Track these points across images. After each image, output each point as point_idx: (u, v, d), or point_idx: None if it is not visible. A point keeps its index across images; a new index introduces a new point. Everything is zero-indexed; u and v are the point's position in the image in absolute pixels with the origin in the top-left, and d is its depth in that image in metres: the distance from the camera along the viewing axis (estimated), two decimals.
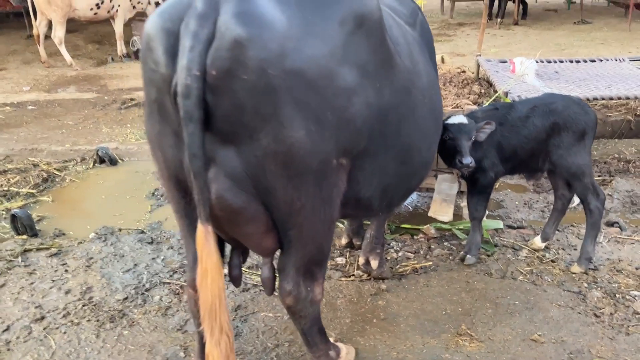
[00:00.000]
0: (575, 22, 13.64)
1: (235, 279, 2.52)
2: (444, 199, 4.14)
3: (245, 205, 2.06)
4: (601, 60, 6.87)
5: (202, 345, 2.46)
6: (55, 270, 3.73)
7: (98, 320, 3.19)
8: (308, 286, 2.37)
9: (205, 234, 1.99)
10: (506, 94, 5.51)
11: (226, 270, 2.44)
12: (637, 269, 3.61)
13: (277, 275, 2.42)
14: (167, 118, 2.01)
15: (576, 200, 4.15)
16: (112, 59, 10.92)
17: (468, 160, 3.32)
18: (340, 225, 4.18)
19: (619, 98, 5.59)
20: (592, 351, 2.86)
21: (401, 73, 2.33)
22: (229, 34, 1.78)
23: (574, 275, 3.56)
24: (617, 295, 3.33)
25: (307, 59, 1.88)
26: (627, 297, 3.32)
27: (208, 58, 1.80)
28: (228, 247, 2.46)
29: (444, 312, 3.21)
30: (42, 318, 3.23)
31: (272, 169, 1.98)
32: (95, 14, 10.39)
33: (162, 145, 2.11)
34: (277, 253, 2.36)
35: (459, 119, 3.45)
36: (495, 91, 5.86)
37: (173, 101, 1.89)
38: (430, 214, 4.17)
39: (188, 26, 1.81)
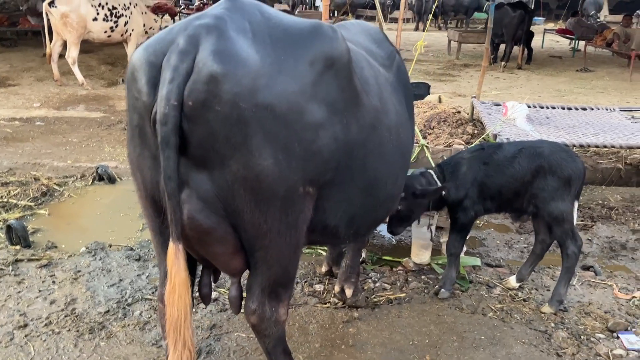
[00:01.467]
0: (577, 70, 13.91)
1: (204, 297, 2.63)
2: (421, 243, 4.29)
3: (215, 226, 2.21)
4: (592, 109, 7.06)
5: None
6: (43, 281, 3.88)
7: (78, 331, 3.32)
8: (273, 306, 2.49)
9: (175, 251, 2.12)
10: (495, 136, 5.68)
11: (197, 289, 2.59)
12: (605, 312, 3.71)
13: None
14: (146, 142, 2.18)
15: None
16: (123, 81, 11.23)
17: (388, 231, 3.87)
18: (322, 253, 4.31)
19: (605, 146, 5.75)
20: None
21: (368, 111, 2.49)
22: (206, 69, 1.96)
23: (543, 315, 3.66)
24: (582, 337, 3.42)
25: (277, 95, 2.06)
26: (592, 339, 3.41)
27: (186, 90, 1.97)
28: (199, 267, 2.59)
29: (410, 343, 3.32)
30: (25, 325, 3.36)
31: (241, 193, 2.13)
32: (109, 36, 10.75)
33: (141, 167, 2.26)
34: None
35: None
36: (487, 135, 6.03)
37: (152, 127, 2.06)
38: (411, 256, 4.33)
39: (169, 60, 1.99)
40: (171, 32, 2.11)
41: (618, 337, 3.43)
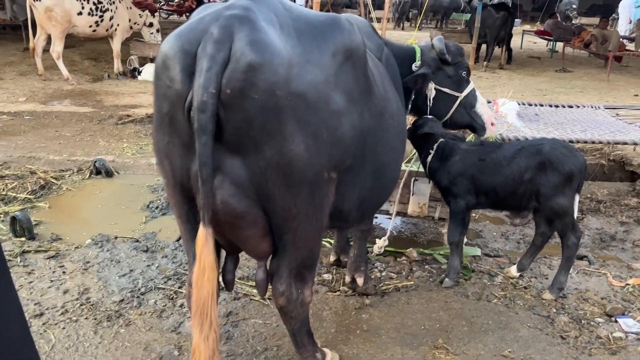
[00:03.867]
0: (556, 70, 14.26)
1: (228, 283, 2.69)
2: (415, 194, 4.55)
3: (247, 210, 2.28)
4: (578, 107, 7.29)
5: None
6: (53, 272, 3.89)
7: (95, 319, 3.35)
8: (299, 288, 2.58)
9: (206, 235, 2.17)
10: None
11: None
12: (602, 298, 3.87)
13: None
14: (176, 130, 2.21)
15: None
16: (108, 76, 11.15)
17: None
18: (327, 244, 4.40)
19: (593, 142, 5.94)
20: None
21: (377, 99, 2.65)
22: (244, 59, 2.03)
23: (544, 301, 3.80)
24: (583, 321, 3.58)
25: (308, 84, 2.17)
26: (592, 323, 3.57)
27: (224, 78, 2.03)
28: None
29: (422, 327, 3.43)
30: (41, 314, 3.38)
31: (273, 178, 2.21)
32: (94, 31, 10.64)
33: (169, 155, 2.30)
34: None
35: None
36: None
37: (186, 115, 2.11)
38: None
39: (206, 49, 2.04)
40: (202, 22, 2.15)
41: (616, 321, 3.59)
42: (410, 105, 3.81)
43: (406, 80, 3.59)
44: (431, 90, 3.75)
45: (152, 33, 11.93)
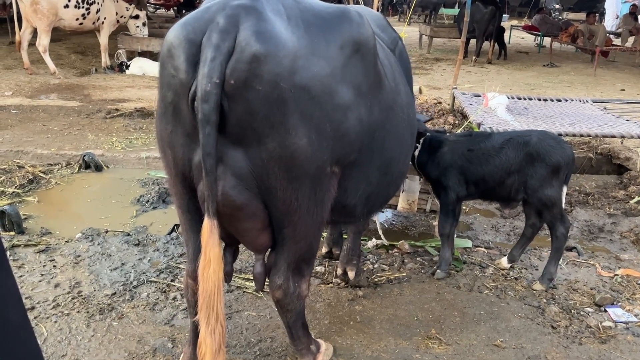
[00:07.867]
0: (544, 65, 14.37)
1: (226, 274, 2.67)
2: (405, 190, 4.60)
3: (247, 202, 2.26)
4: (567, 100, 7.36)
5: (196, 335, 2.63)
6: (44, 266, 3.85)
7: (88, 312, 3.33)
8: (296, 282, 2.58)
9: (211, 227, 2.16)
10: (479, 125, 5.88)
11: None
12: (591, 289, 3.92)
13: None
14: (180, 119, 2.20)
15: None
16: (96, 70, 11.04)
17: None
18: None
19: (581, 135, 6.01)
20: (547, 357, 3.13)
21: (387, 93, 2.61)
22: (249, 49, 2.01)
23: (534, 291, 3.84)
24: (573, 311, 3.62)
25: (313, 76, 2.14)
26: (582, 312, 3.62)
27: (228, 68, 2.02)
28: None
29: (415, 318, 3.45)
30: (32, 308, 3.35)
31: (275, 171, 2.20)
32: (81, 24, 10.50)
33: (172, 144, 2.29)
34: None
35: None
36: (470, 122, 6.23)
37: (190, 105, 2.10)
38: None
39: (210, 39, 2.03)
40: (209, 11, 2.13)
41: (605, 311, 3.64)
42: None
43: None
44: None
45: (137, 26, 11.78)
